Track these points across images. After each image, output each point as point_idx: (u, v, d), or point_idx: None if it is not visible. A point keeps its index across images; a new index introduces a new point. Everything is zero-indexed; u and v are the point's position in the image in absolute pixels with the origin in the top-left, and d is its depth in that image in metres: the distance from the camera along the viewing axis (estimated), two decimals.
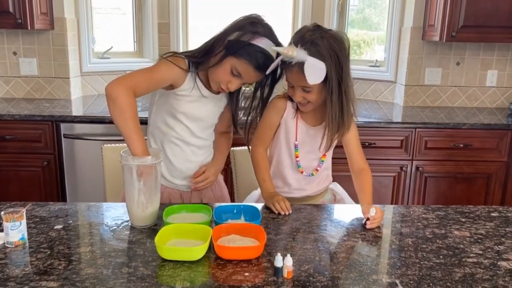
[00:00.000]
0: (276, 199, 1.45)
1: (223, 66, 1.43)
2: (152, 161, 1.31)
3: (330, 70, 1.33)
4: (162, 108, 1.56)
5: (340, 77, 1.37)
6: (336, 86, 1.37)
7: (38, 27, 2.76)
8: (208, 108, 1.57)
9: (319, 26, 1.39)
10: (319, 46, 1.32)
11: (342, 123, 1.44)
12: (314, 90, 1.39)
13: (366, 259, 1.16)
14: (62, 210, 1.40)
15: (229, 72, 1.43)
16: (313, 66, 1.30)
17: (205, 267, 1.10)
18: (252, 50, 1.39)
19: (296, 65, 1.34)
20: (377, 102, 3.31)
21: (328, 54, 1.33)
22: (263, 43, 1.40)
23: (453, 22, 2.78)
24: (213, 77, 1.47)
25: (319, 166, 1.56)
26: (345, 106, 1.42)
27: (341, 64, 1.36)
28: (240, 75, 1.43)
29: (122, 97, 1.34)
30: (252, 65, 1.40)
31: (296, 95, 1.43)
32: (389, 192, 2.77)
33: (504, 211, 1.49)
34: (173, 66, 1.46)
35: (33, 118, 2.56)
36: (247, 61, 1.40)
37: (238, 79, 1.44)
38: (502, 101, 3.24)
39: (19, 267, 1.07)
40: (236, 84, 1.46)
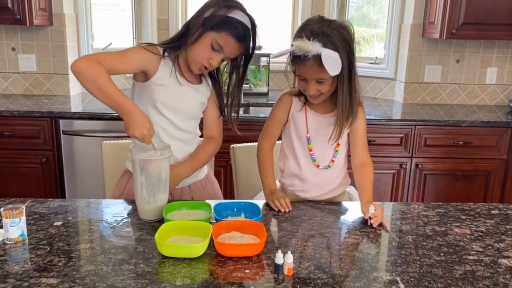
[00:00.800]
0: (276, 196, 1.44)
1: (202, 42, 1.42)
2: (156, 156, 1.30)
3: (343, 59, 1.34)
4: (142, 100, 1.52)
5: (351, 65, 1.38)
6: (347, 74, 1.38)
7: (37, 23, 2.75)
8: (188, 98, 1.53)
9: (323, 17, 1.40)
10: (330, 37, 1.33)
11: (351, 111, 1.44)
12: (327, 81, 1.40)
13: (367, 256, 1.16)
14: (61, 207, 1.40)
15: (210, 47, 1.42)
16: (329, 57, 1.31)
17: (206, 264, 1.09)
18: (230, 22, 1.40)
19: (311, 59, 1.34)
20: (376, 99, 3.30)
21: (340, 43, 1.34)
22: (239, 16, 1.42)
23: (453, 20, 2.77)
24: (193, 56, 1.45)
25: (334, 157, 1.53)
26: (354, 94, 1.43)
27: (352, 52, 1.38)
28: (222, 49, 1.42)
29: (85, 67, 1.30)
30: (233, 35, 1.41)
31: (310, 88, 1.42)
32: (388, 189, 2.77)
33: (504, 208, 1.49)
34: (144, 50, 1.45)
35: (32, 114, 2.55)
36: (228, 32, 1.40)
37: (219, 53, 1.44)
38: (502, 98, 3.24)
39: (18, 263, 1.07)
40: (218, 59, 1.45)
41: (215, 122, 1.64)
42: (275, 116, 1.58)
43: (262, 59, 3.30)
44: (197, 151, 1.60)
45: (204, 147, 1.62)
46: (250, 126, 2.55)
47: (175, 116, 1.53)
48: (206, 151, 1.62)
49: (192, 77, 1.55)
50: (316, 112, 1.51)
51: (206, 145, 1.63)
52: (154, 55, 1.46)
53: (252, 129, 2.49)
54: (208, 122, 1.64)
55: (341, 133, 1.46)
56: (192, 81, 1.54)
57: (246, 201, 1.44)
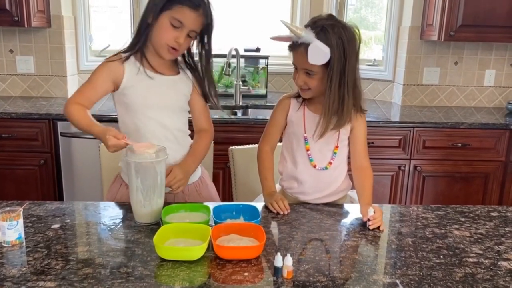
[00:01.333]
0: (275, 198, 1.44)
1: (161, 24, 1.43)
2: (151, 158, 1.30)
3: (334, 58, 1.34)
4: (122, 110, 1.54)
5: (343, 67, 1.37)
6: (337, 75, 1.37)
7: (35, 25, 2.74)
8: (164, 89, 1.51)
9: (333, 16, 1.41)
10: (328, 33, 1.34)
11: (341, 115, 1.42)
12: (316, 75, 1.40)
13: (366, 259, 1.15)
14: (59, 209, 1.39)
15: (170, 26, 1.42)
16: (317, 48, 1.31)
17: (204, 267, 1.09)
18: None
19: (302, 46, 1.36)
20: (375, 101, 3.30)
21: (335, 42, 1.34)
22: None
23: (452, 22, 2.78)
24: (158, 42, 1.45)
25: (332, 159, 1.53)
26: (346, 99, 1.41)
27: (346, 56, 1.37)
28: (182, 23, 1.42)
29: (67, 112, 1.46)
30: (186, 6, 1.40)
31: (298, 78, 1.43)
32: (387, 192, 2.77)
33: (504, 210, 1.49)
34: (105, 64, 1.49)
35: (30, 116, 2.54)
36: (180, 4, 1.40)
37: (182, 29, 1.43)
38: (500, 100, 3.24)
39: (16, 266, 1.06)
40: (182, 36, 1.43)
41: (203, 113, 1.63)
42: (274, 119, 1.58)
43: (260, 61, 3.30)
44: (192, 146, 1.60)
45: (199, 141, 1.61)
46: (249, 128, 2.55)
47: (157, 112, 1.51)
48: (202, 143, 1.61)
49: (167, 69, 1.54)
50: (313, 112, 1.51)
51: (200, 139, 1.62)
52: (116, 62, 1.48)
53: (251, 131, 2.50)
54: (197, 114, 1.63)
55: (324, 133, 1.43)
56: (167, 73, 1.53)
57: (245, 203, 1.44)
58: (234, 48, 2.98)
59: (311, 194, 1.54)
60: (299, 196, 1.56)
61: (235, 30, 3.44)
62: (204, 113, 1.64)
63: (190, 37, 1.47)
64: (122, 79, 1.48)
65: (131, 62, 1.49)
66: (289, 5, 3.44)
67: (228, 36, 3.43)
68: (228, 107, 3.05)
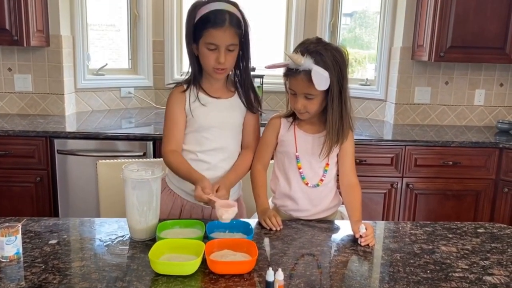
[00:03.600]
0: (268, 215, 1.47)
1: (201, 52, 1.51)
2: (147, 176, 1.33)
3: (332, 79, 1.40)
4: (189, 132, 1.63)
5: (341, 87, 1.44)
6: (337, 95, 1.44)
7: (34, 44, 2.80)
8: (218, 112, 1.60)
9: (321, 39, 1.47)
10: (323, 56, 1.40)
11: (341, 132, 1.49)
12: (316, 98, 1.45)
13: (356, 274, 1.18)
14: (56, 225, 1.42)
15: (208, 51, 1.49)
16: (318, 73, 1.37)
17: (198, 281, 1.12)
18: (202, 20, 1.47)
19: (301, 73, 1.41)
20: (368, 120, 3.36)
21: (332, 64, 1.40)
22: (207, 8, 1.47)
23: (441, 43, 2.86)
24: (207, 68, 1.54)
25: (324, 176, 1.57)
26: (344, 116, 1.48)
27: (343, 75, 1.44)
28: (215, 45, 1.47)
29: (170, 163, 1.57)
30: (210, 27, 1.46)
31: (298, 103, 1.47)
32: (380, 209, 2.81)
33: (490, 227, 1.52)
34: (171, 95, 1.61)
35: (26, 133, 2.58)
36: (206, 29, 1.46)
37: (219, 50, 1.48)
38: (490, 119, 3.31)
39: (13, 281, 1.09)
40: (222, 55, 1.48)
41: (253, 131, 1.67)
42: (265, 139, 1.63)
43: (256, 80, 3.36)
44: (236, 162, 1.64)
45: (243, 158, 1.65)
46: None
47: (217, 136, 1.60)
48: (246, 161, 1.64)
49: (223, 93, 1.62)
50: (305, 131, 1.56)
51: (245, 156, 1.65)
52: (179, 92, 1.59)
53: None
54: (246, 131, 1.67)
55: (330, 151, 1.50)
56: (224, 96, 1.62)
57: (239, 219, 1.47)
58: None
59: (304, 211, 1.58)
60: (292, 213, 1.59)
61: None
62: (253, 131, 1.68)
63: (232, 50, 1.51)
64: (185, 109, 1.59)
65: (189, 92, 1.59)
66: (283, 26, 3.52)
67: None
68: None
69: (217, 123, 1.60)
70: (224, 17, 1.46)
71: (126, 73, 3.48)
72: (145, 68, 3.46)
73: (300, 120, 1.57)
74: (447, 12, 2.82)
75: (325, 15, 3.38)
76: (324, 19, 3.40)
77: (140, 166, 1.40)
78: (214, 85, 1.60)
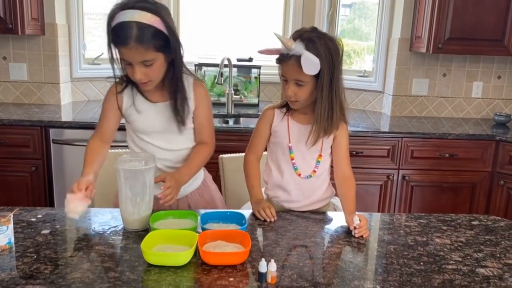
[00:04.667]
0: (262, 206, 1.47)
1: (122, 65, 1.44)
2: (140, 166, 1.33)
3: (323, 67, 1.39)
4: (129, 131, 1.62)
5: (331, 76, 1.42)
6: (327, 84, 1.42)
7: (29, 32, 2.77)
8: (159, 117, 1.53)
9: (316, 28, 1.45)
10: (316, 44, 1.38)
11: (330, 122, 1.47)
12: (306, 86, 1.43)
13: (349, 265, 1.18)
14: (49, 215, 1.41)
15: (125, 65, 1.41)
16: (308, 59, 1.36)
17: (191, 272, 1.11)
18: (112, 33, 1.36)
19: (292, 57, 1.40)
20: (365, 111, 3.35)
21: (323, 52, 1.39)
22: (118, 17, 1.34)
23: (440, 34, 2.84)
24: None
25: (316, 167, 1.57)
26: (335, 106, 1.46)
27: (334, 65, 1.42)
28: (127, 61, 1.38)
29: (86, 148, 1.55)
30: (118, 45, 1.36)
31: (289, 90, 1.46)
32: (375, 201, 2.81)
33: (485, 219, 1.52)
34: (108, 96, 1.57)
35: (22, 123, 2.56)
36: (115, 44, 1.37)
37: (133, 66, 1.38)
38: (487, 112, 3.31)
39: (5, 271, 1.08)
40: (137, 71, 1.38)
41: (203, 127, 1.60)
42: (258, 130, 1.62)
43: (253, 70, 3.35)
44: (190, 156, 1.59)
45: (197, 152, 1.59)
46: (240, 136, 2.58)
47: (157, 139, 1.56)
48: (199, 156, 1.58)
49: (161, 96, 1.53)
50: (298, 122, 1.55)
51: (198, 149, 1.60)
52: (113, 97, 1.55)
53: (242, 140, 2.52)
54: (196, 129, 1.61)
55: (317, 140, 1.49)
56: (162, 100, 1.53)
57: (232, 210, 1.47)
58: (226, 58, 3.02)
59: (296, 202, 1.57)
60: (284, 204, 1.59)
61: (228, 40, 3.49)
62: (204, 128, 1.60)
63: (149, 65, 1.38)
64: (122, 109, 1.55)
65: (126, 93, 1.54)
66: (281, 16, 3.50)
67: (221, 45, 3.48)
68: (220, 116, 3.09)
69: (156, 127, 1.54)
70: (128, 33, 1.31)
71: None
72: None
73: (293, 111, 1.55)
74: (445, 4, 2.80)
75: (324, 5, 3.35)
76: (323, 10, 3.37)
77: (133, 156, 1.39)
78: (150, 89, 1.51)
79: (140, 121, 1.55)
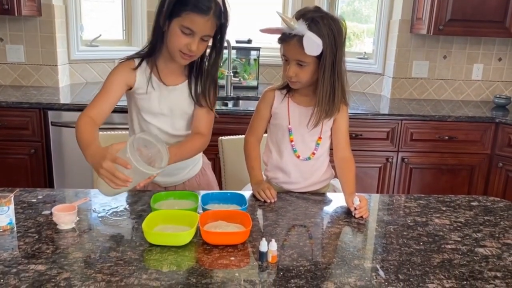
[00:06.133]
0: (262, 187, 1.47)
1: (171, 30, 1.38)
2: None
3: (326, 48, 1.37)
4: (132, 109, 1.57)
5: (334, 58, 1.41)
6: (329, 65, 1.41)
7: (25, 13, 2.73)
8: (169, 100, 1.51)
9: (319, 8, 1.44)
10: (319, 24, 1.37)
11: (332, 104, 1.46)
12: (308, 66, 1.42)
13: (349, 245, 1.19)
14: (50, 196, 1.41)
15: (181, 34, 1.37)
16: (311, 39, 1.34)
17: (192, 252, 1.12)
18: (186, 0, 1.34)
19: (294, 37, 1.38)
20: (365, 94, 3.34)
21: (326, 33, 1.37)
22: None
23: (441, 16, 2.82)
24: (171, 48, 1.42)
25: (315, 149, 1.56)
26: (337, 88, 1.45)
27: (337, 46, 1.41)
28: (192, 30, 1.36)
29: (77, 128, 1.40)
30: (194, 12, 1.34)
31: (290, 70, 1.44)
32: (375, 183, 2.82)
33: (484, 200, 1.53)
34: (118, 71, 1.48)
35: (20, 105, 2.55)
36: (188, 11, 1.34)
37: (193, 36, 1.37)
38: (487, 94, 3.30)
39: (7, 250, 1.09)
40: (195, 43, 1.38)
41: (203, 118, 1.55)
42: (258, 111, 1.61)
43: (252, 52, 3.32)
44: (183, 141, 1.54)
45: (191, 140, 1.54)
46: (240, 119, 2.58)
47: (162, 121, 1.54)
48: (193, 144, 1.53)
49: (176, 76, 1.52)
50: (298, 104, 1.54)
51: (193, 139, 1.54)
52: (128, 67, 1.47)
53: (242, 122, 2.52)
54: (195, 118, 1.56)
55: (318, 122, 1.48)
56: (174, 83, 1.52)
57: (233, 191, 1.47)
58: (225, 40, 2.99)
59: (295, 183, 1.58)
60: (283, 185, 1.59)
61: None
62: (203, 119, 1.55)
63: (205, 40, 1.42)
64: (134, 86, 1.49)
65: (142, 69, 1.49)
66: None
67: None
68: (219, 98, 3.07)
69: (164, 110, 1.52)
70: (210, 5, 1.35)
71: (120, 44, 3.42)
72: (140, 39, 3.39)
73: (294, 93, 1.55)
74: None
75: None
76: None
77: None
78: (170, 66, 1.49)
79: (150, 101, 1.51)
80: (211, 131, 1.60)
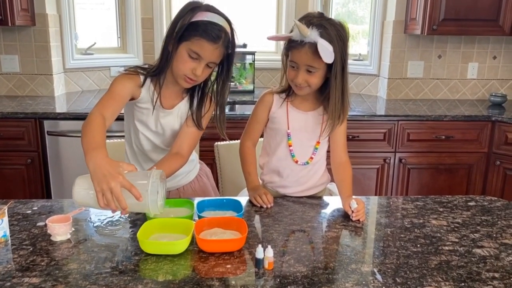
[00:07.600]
0: (258, 192, 1.47)
1: (179, 55, 1.39)
2: None
3: (336, 54, 1.38)
4: (127, 117, 1.58)
5: (344, 62, 1.41)
6: (340, 70, 1.41)
7: (19, 23, 2.73)
8: (166, 121, 1.53)
9: (323, 14, 1.43)
10: (327, 30, 1.37)
11: (342, 109, 1.47)
12: (318, 72, 1.42)
13: (346, 249, 1.18)
14: (45, 207, 1.41)
15: (187, 58, 1.38)
16: (324, 46, 1.34)
17: (188, 260, 1.11)
18: (198, 25, 1.35)
19: (306, 45, 1.37)
20: (361, 95, 3.34)
21: (336, 39, 1.37)
22: (207, 16, 1.37)
23: (434, 16, 2.82)
24: (176, 71, 1.42)
25: (313, 154, 1.56)
26: (345, 93, 1.45)
27: (346, 51, 1.41)
28: (199, 56, 1.37)
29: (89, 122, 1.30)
30: (204, 38, 1.35)
31: (299, 76, 1.43)
32: (373, 184, 2.81)
33: (481, 200, 1.53)
34: (125, 81, 1.45)
35: (16, 115, 2.54)
36: (197, 36, 1.35)
37: (199, 61, 1.38)
38: (483, 93, 3.30)
39: (1, 264, 1.08)
40: (200, 68, 1.39)
41: (187, 137, 1.52)
42: (256, 115, 1.60)
43: (247, 57, 3.32)
44: (162, 161, 1.46)
45: (169, 161, 1.46)
46: (236, 124, 2.57)
47: (155, 137, 1.56)
48: (170, 166, 1.45)
49: (172, 101, 1.52)
50: (297, 109, 1.54)
51: (170, 160, 1.47)
52: (135, 84, 1.46)
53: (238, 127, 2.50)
54: (181, 136, 1.52)
55: (333, 128, 1.49)
56: (170, 106, 1.52)
57: (229, 197, 1.46)
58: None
59: (291, 187, 1.57)
60: (280, 189, 1.58)
61: None
62: (188, 139, 1.52)
63: (210, 67, 1.43)
64: (137, 98, 1.48)
65: (147, 86, 1.48)
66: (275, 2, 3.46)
67: None
68: None
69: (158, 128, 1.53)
70: (220, 34, 1.37)
71: (116, 52, 3.42)
72: (135, 46, 3.40)
73: (293, 97, 1.54)
74: None
75: None
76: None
77: None
78: (171, 88, 1.50)
79: (148, 117, 1.52)
80: (191, 152, 1.57)
